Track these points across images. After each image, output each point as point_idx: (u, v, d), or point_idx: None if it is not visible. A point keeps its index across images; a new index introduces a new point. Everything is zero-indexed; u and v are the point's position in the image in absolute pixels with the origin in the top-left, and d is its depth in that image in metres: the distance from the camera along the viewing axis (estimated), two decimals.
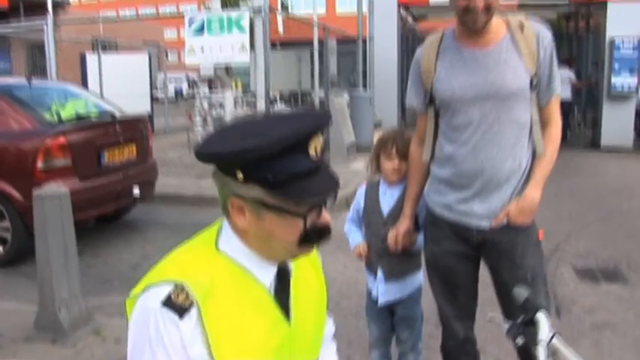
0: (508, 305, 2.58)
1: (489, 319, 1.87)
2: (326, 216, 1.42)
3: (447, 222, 2.60)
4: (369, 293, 3.10)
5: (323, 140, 1.36)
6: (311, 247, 1.46)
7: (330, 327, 1.75)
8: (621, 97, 13.78)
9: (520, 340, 1.64)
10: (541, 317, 1.65)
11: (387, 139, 2.93)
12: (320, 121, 1.36)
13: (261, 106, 8.57)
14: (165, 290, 1.33)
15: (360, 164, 9.61)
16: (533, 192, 2.50)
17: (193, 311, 1.32)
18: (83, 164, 6.14)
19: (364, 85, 14.18)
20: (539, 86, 2.48)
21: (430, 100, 2.59)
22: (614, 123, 13.75)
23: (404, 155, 2.85)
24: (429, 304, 3.06)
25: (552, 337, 1.59)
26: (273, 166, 1.30)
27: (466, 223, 2.56)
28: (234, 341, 1.35)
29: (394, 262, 2.92)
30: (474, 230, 2.56)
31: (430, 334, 3.39)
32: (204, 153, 1.37)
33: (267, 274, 1.46)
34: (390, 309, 3.08)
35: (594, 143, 14.09)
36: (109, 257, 6.33)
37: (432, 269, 2.75)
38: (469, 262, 2.69)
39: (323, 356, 1.68)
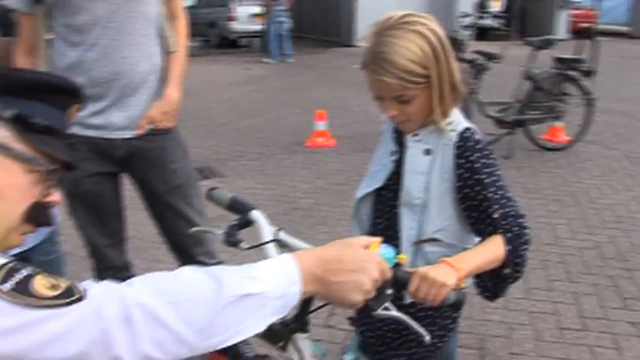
0: (168, 216, 2.41)
1: (194, 230, 1.68)
2: (58, 196, 1.19)
3: (84, 140, 2.24)
4: None
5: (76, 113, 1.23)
6: (30, 228, 1.16)
7: None
8: None
9: (245, 245, 1.50)
10: (257, 215, 1.53)
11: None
12: (82, 94, 1.23)
13: None
14: None
15: None
16: (173, 91, 2.32)
17: None
18: None
19: None
20: None
21: None
22: None
23: None
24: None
25: (278, 231, 1.50)
26: (34, 107, 1.12)
27: (106, 137, 2.26)
28: None
29: None
30: (116, 143, 2.27)
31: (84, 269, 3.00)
32: None
33: None
34: (24, 258, 2.58)
35: None
36: None
37: (75, 198, 2.36)
38: (113, 181, 2.41)
39: None
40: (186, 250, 2.53)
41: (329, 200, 5.02)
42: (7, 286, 0.88)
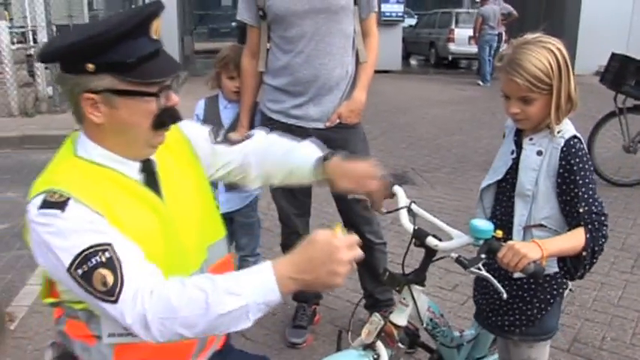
0: (345, 196, 2.90)
1: (351, 197, 2.14)
2: (174, 97, 1.47)
3: (284, 126, 2.83)
4: None
5: (160, 23, 1.42)
6: (164, 130, 1.49)
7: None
8: (390, 23, 15.00)
9: (384, 210, 1.96)
10: (397, 189, 1.97)
11: (229, 60, 2.99)
12: (157, 5, 1.41)
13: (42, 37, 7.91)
14: (38, 200, 1.34)
15: None
16: (360, 94, 2.83)
17: (71, 202, 1.33)
18: None
19: None
20: (360, 1, 2.78)
21: (262, 14, 2.75)
22: (385, 47, 14.97)
23: None
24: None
25: (411, 203, 1.93)
26: (120, 50, 1.34)
27: (302, 125, 2.82)
28: (120, 226, 1.36)
29: None
30: (309, 131, 2.83)
31: (276, 243, 3.67)
32: (49, 52, 1.42)
33: (131, 170, 1.48)
34: (229, 218, 3.25)
35: None
36: None
37: None
38: None
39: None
40: (357, 227, 3.02)
41: None
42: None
